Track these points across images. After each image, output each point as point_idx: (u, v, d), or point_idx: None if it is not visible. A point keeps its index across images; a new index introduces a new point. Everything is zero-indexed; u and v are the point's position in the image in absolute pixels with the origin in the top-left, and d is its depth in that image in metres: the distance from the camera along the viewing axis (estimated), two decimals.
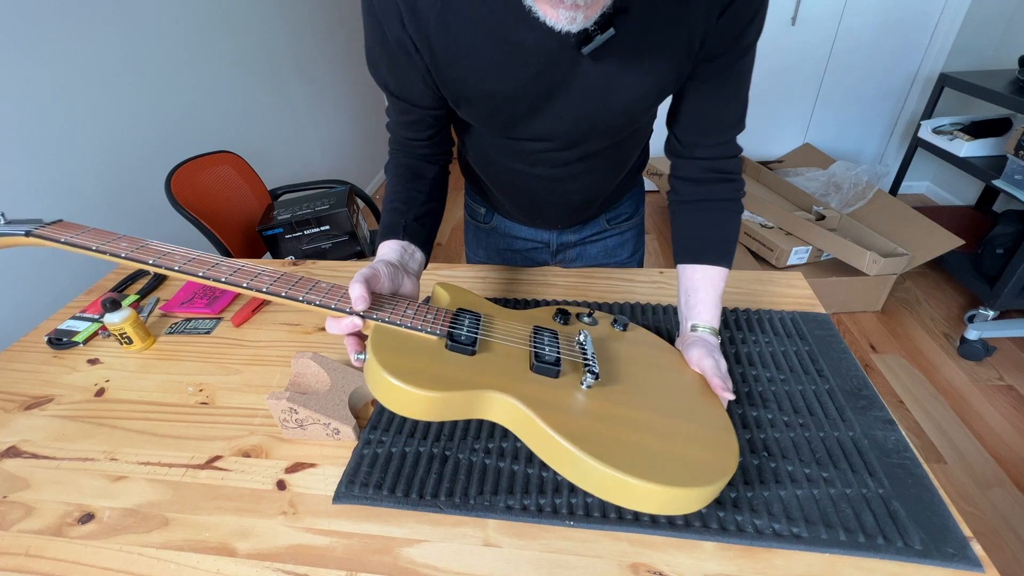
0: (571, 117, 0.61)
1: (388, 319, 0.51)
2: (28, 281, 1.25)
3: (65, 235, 0.50)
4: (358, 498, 0.55)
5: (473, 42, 0.54)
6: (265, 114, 2.18)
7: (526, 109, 0.60)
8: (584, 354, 0.56)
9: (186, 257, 0.52)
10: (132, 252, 0.50)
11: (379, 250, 0.63)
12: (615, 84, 0.57)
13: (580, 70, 0.55)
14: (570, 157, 0.68)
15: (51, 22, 1.28)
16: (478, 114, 0.63)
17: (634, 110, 0.61)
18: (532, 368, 0.52)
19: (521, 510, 0.53)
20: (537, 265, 0.96)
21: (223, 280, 0.50)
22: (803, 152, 2.81)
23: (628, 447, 0.46)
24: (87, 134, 1.39)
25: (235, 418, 0.67)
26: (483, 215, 0.93)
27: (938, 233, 1.98)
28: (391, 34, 0.55)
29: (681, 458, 0.47)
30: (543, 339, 0.56)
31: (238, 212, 1.55)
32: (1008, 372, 1.76)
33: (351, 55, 2.99)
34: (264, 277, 0.52)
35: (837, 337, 0.73)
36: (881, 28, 2.54)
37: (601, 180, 0.76)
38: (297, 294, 0.51)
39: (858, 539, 0.49)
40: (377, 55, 0.60)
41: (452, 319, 0.55)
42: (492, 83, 0.57)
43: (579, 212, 0.84)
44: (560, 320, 0.63)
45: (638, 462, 0.44)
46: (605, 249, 0.95)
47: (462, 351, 0.51)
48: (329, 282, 0.54)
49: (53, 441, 0.65)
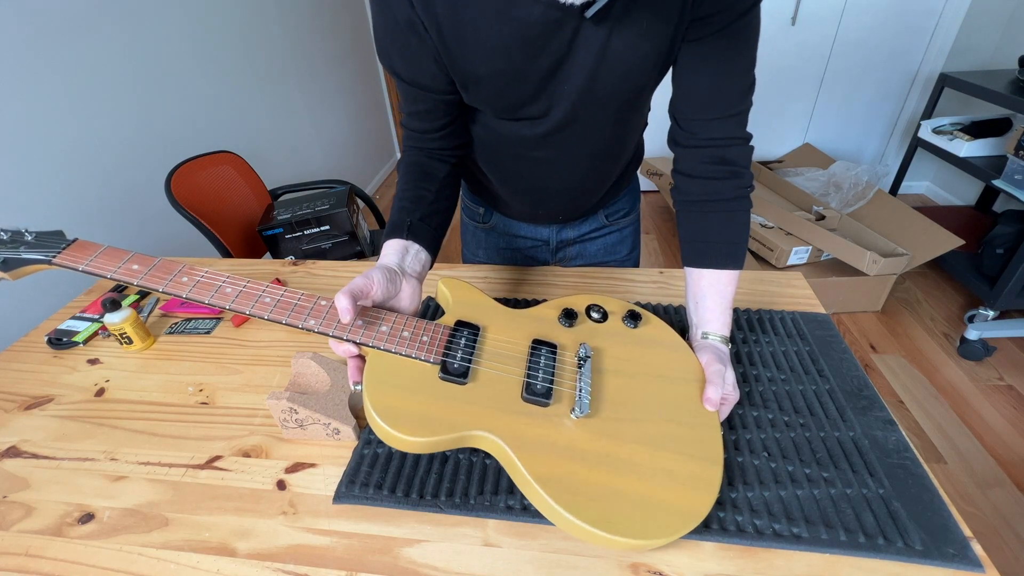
0: (575, 86, 0.60)
1: (383, 345, 0.53)
2: (28, 281, 1.25)
3: (83, 261, 0.53)
4: (358, 498, 0.55)
5: (480, 19, 0.54)
6: (265, 114, 2.18)
7: (533, 85, 0.60)
8: (579, 379, 0.55)
9: (192, 280, 0.53)
10: (144, 278, 0.53)
11: (382, 250, 0.62)
12: (615, 48, 0.57)
13: (582, 36, 0.55)
14: (571, 136, 0.67)
15: (53, 23, 1.27)
16: (485, 94, 0.63)
17: (635, 75, 0.60)
18: (523, 398, 0.53)
19: (521, 510, 0.53)
20: (537, 264, 0.96)
21: (227, 307, 0.52)
22: (803, 152, 2.81)
23: (601, 494, 0.47)
24: (87, 134, 1.39)
25: (235, 418, 0.67)
26: (482, 215, 0.93)
27: (938, 233, 1.98)
28: (400, 16, 0.55)
29: (655, 505, 0.47)
30: (539, 361, 0.56)
31: (238, 212, 1.55)
32: (1008, 372, 1.76)
33: (351, 55, 2.99)
34: (265, 301, 0.53)
35: (838, 337, 0.73)
36: (881, 28, 2.54)
37: (600, 165, 0.76)
38: (296, 321, 0.52)
39: (858, 539, 0.49)
40: (387, 41, 0.59)
41: (448, 339, 0.55)
42: (500, 61, 0.57)
43: (579, 202, 0.85)
44: (565, 323, 0.61)
45: (606, 512, 0.46)
46: (604, 246, 0.95)
47: (454, 382, 0.52)
48: (327, 300, 0.55)
49: (53, 441, 0.65)
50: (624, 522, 0.45)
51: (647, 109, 0.76)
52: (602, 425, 0.52)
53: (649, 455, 0.51)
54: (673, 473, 0.50)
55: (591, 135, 0.69)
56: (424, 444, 0.48)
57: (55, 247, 0.53)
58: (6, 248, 0.53)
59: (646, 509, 0.47)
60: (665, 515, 0.47)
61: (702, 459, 0.51)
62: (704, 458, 0.51)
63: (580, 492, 0.47)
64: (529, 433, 0.50)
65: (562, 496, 0.46)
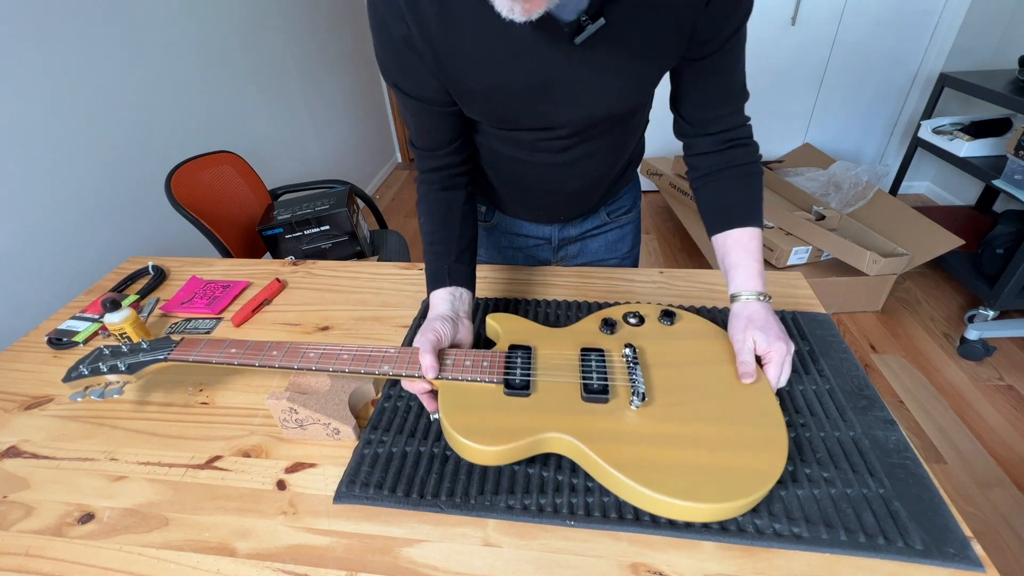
0: (569, 107, 0.62)
1: (451, 376, 0.59)
2: (28, 281, 1.25)
3: (192, 353, 0.62)
4: (358, 498, 0.55)
5: (471, 37, 0.55)
6: (265, 114, 2.18)
7: (525, 102, 0.61)
8: (630, 373, 0.59)
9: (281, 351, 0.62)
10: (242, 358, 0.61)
11: (432, 300, 0.68)
12: (609, 72, 0.59)
13: (574, 60, 0.56)
14: (570, 143, 0.69)
15: (52, 22, 1.27)
16: (479, 108, 0.64)
17: (630, 96, 0.63)
18: (583, 398, 0.56)
19: (521, 510, 0.53)
20: (539, 262, 0.96)
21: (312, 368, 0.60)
22: (803, 152, 2.80)
23: (677, 468, 0.50)
24: (87, 134, 1.39)
25: (235, 418, 0.67)
26: (484, 213, 0.93)
27: (938, 233, 1.98)
28: (396, 32, 0.56)
29: (729, 470, 0.50)
30: (591, 364, 0.60)
31: (238, 212, 1.55)
32: (1008, 372, 1.76)
33: (351, 55, 2.99)
34: (344, 358, 0.60)
35: (838, 337, 0.73)
36: (881, 28, 2.54)
37: (601, 166, 0.77)
38: (373, 368, 0.59)
39: (858, 539, 0.49)
40: (388, 60, 0.61)
41: (506, 361, 0.60)
42: (491, 77, 0.58)
43: (580, 201, 0.85)
44: (606, 331, 0.65)
45: (686, 484, 0.49)
46: (606, 243, 0.95)
47: (519, 395, 0.57)
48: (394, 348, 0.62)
49: (53, 441, 0.65)
50: (705, 490, 0.48)
51: (648, 110, 0.76)
52: (661, 411, 0.55)
53: (712, 429, 0.53)
54: (739, 441, 0.52)
55: (590, 143, 0.70)
56: (504, 452, 0.52)
57: (167, 347, 0.63)
58: (129, 357, 0.63)
59: (722, 475, 0.49)
60: (741, 478, 0.49)
61: (763, 425, 0.54)
62: (765, 424, 0.54)
63: (657, 471, 0.49)
64: (596, 428, 0.53)
65: (641, 476, 0.49)
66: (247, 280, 0.95)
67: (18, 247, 1.23)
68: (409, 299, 0.87)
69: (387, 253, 1.70)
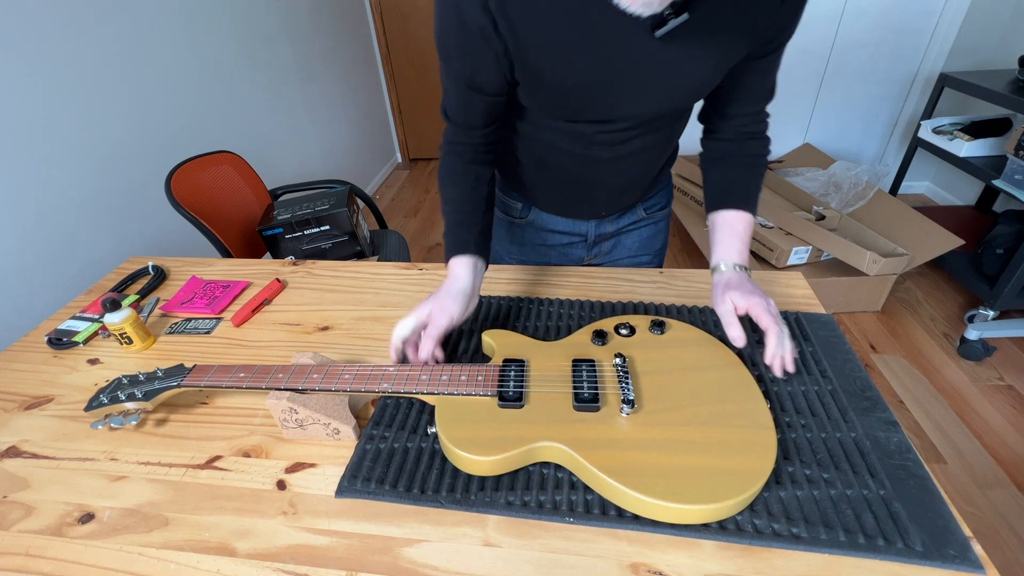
0: (636, 100, 0.63)
1: (447, 391, 0.60)
2: (28, 281, 1.25)
3: (203, 379, 0.64)
4: (360, 492, 0.55)
5: (553, 22, 0.55)
6: (265, 114, 2.18)
7: (594, 94, 0.62)
8: (620, 382, 0.60)
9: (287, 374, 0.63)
10: (250, 381, 0.63)
11: (452, 267, 0.69)
12: (682, 66, 0.59)
13: (649, 52, 0.57)
14: (627, 137, 0.70)
15: (51, 22, 1.27)
16: (546, 99, 0.65)
17: (697, 91, 0.65)
18: (575, 407, 0.57)
19: (521, 506, 0.53)
20: (571, 259, 0.96)
21: (316, 388, 0.61)
22: (803, 152, 2.81)
23: (666, 472, 0.51)
24: (87, 134, 1.39)
25: (235, 418, 0.67)
26: (520, 210, 0.92)
27: (938, 233, 1.98)
28: (473, 23, 0.56)
29: (717, 471, 0.51)
30: (582, 375, 0.61)
31: (238, 212, 1.55)
32: (1008, 372, 1.76)
33: (352, 55, 2.99)
34: (345, 377, 0.62)
35: (841, 338, 0.73)
36: (881, 28, 2.54)
37: (649, 161, 0.79)
38: (373, 386, 0.61)
39: (858, 540, 0.49)
40: (450, 43, 0.61)
41: (500, 375, 0.62)
42: (567, 65, 0.59)
43: (624, 197, 0.86)
44: (598, 342, 0.66)
45: (675, 486, 0.50)
46: (640, 240, 0.95)
47: (512, 407, 0.58)
48: (394, 367, 0.64)
49: (53, 441, 0.65)
50: (692, 492, 0.49)
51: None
52: (651, 417, 0.57)
53: (701, 433, 0.55)
54: (727, 443, 0.54)
55: (645, 137, 0.71)
56: (498, 462, 0.54)
57: (180, 375, 0.65)
58: (145, 384, 0.64)
59: (709, 477, 0.50)
60: (728, 478, 0.50)
61: (752, 427, 0.55)
62: (753, 426, 0.55)
63: (646, 475, 0.51)
64: (587, 435, 0.55)
65: (631, 481, 0.50)
66: (247, 280, 0.95)
67: (18, 247, 1.23)
68: (409, 299, 0.87)
69: (387, 253, 1.70)
